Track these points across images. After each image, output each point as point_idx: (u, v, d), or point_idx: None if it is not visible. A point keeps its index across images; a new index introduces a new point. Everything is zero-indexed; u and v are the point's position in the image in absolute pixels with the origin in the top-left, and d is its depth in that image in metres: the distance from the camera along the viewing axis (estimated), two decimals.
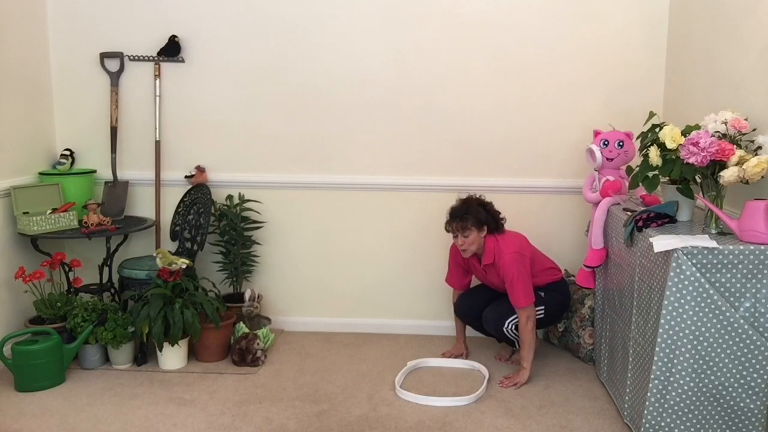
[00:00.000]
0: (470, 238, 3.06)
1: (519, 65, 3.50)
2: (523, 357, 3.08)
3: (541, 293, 3.15)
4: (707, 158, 2.35)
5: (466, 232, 3.05)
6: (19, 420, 2.74)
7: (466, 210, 3.07)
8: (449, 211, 3.12)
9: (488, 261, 3.11)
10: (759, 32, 2.52)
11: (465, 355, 3.39)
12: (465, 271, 3.34)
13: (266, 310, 3.75)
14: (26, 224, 3.29)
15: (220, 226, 3.62)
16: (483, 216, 3.08)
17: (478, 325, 3.31)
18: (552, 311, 3.21)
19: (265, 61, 3.59)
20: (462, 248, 3.10)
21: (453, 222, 3.08)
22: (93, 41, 3.66)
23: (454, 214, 3.09)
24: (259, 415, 2.79)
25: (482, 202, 3.15)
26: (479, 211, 3.07)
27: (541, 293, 3.15)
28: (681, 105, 3.24)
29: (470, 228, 3.05)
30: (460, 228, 3.06)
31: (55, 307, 3.29)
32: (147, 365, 3.27)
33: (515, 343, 3.19)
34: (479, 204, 3.12)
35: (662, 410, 2.28)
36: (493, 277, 3.17)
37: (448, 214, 3.12)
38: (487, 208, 3.13)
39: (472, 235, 3.06)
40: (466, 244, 3.07)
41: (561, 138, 3.53)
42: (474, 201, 3.13)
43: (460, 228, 3.06)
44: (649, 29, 3.42)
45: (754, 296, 2.20)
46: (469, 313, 3.30)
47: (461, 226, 3.06)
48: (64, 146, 3.74)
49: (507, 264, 3.03)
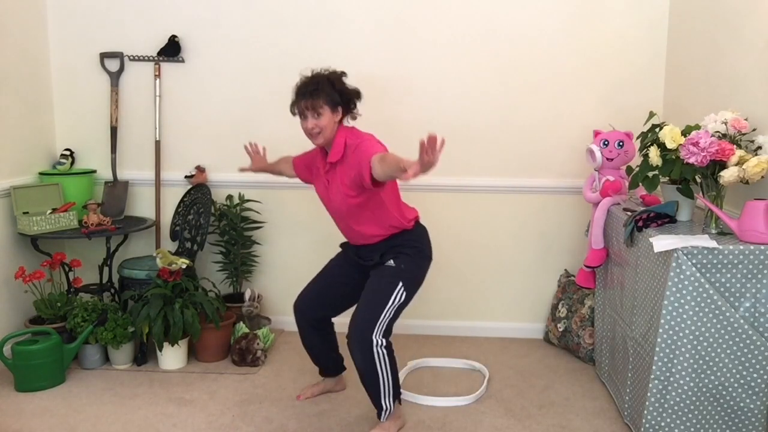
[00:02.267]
0: (323, 120, 2.51)
1: (519, 65, 3.50)
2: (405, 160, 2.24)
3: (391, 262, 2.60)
4: (707, 158, 2.35)
5: (318, 110, 2.50)
6: (19, 420, 2.74)
7: (316, 85, 2.53)
8: (295, 88, 2.59)
9: (335, 157, 2.54)
10: (759, 32, 2.52)
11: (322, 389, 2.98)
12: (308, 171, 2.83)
13: (266, 310, 3.75)
14: (26, 224, 3.29)
15: (220, 226, 3.62)
16: (336, 97, 2.55)
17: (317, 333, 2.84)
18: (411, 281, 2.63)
19: (265, 61, 3.59)
20: (313, 132, 2.53)
21: (301, 99, 2.53)
22: (93, 41, 3.66)
23: (303, 89, 2.54)
24: (259, 415, 2.79)
25: (334, 79, 2.58)
26: (332, 90, 2.54)
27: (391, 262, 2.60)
28: (681, 105, 3.24)
29: (323, 106, 2.51)
30: (310, 106, 2.51)
31: (55, 307, 3.29)
32: (147, 365, 3.27)
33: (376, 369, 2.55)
34: (331, 80, 2.57)
35: (662, 410, 2.28)
36: (336, 188, 2.57)
37: (295, 91, 2.59)
38: (342, 89, 2.59)
39: (325, 116, 2.52)
40: (318, 127, 2.51)
41: (561, 138, 3.53)
42: (324, 77, 2.57)
43: (311, 106, 2.50)
44: (649, 29, 3.42)
45: (754, 296, 2.20)
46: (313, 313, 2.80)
47: (311, 103, 2.50)
48: (64, 146, 3.74)
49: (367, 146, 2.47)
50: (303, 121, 2.55)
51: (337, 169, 2.56)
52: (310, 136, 2.57)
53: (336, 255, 2.90)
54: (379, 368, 2.53)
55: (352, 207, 2.56)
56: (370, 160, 2.38)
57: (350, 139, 2.55)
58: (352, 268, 2.78)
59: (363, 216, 2.59)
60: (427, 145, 2.07)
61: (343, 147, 2.54)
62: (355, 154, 2.48)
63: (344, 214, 2.61)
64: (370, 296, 2.57)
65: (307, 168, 2.83)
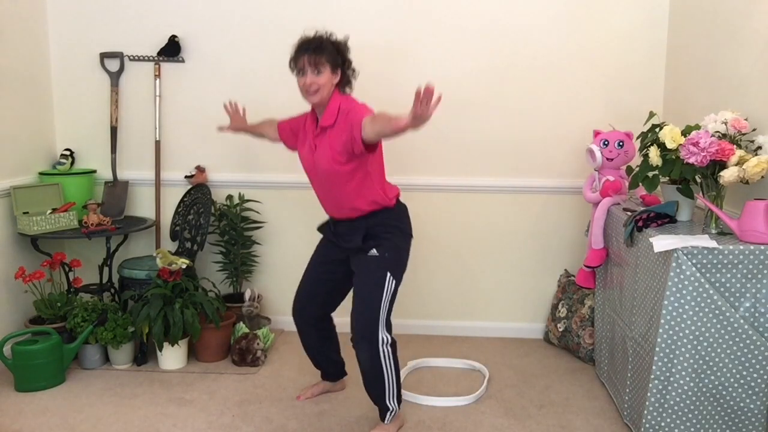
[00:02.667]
0: (322, 78, 2.46)
1: (519, 65, 3.50)
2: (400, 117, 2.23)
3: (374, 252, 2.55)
4: (707, 158, 2.35)
5: (320, 67, 2.45)
6: (19, 420, 2.74)
7: (320, 42, 2.48)
8: (297, 43, 2.53)
9: (328, 122, 2.49)
10: (759, 32, 2.52)
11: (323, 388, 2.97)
12: (294, 136, 2.77)
13: (266, 310, 3.76)
14: (26, 224, 3.29)
15: (220, 226, 3.62)
16: (338, 59, 2.51)
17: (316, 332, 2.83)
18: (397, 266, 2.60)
19: (265, 61, 3.59)
20: (311, 89, 2.46)
21: (303, 54, 2.46)
22: (93, 41, 3.66)
23: (306, 44, 2.48)
24: (259, 415, 2.79)
25: (338, 42, 2.55)
26: (335, 51, 2.50)
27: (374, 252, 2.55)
28: (681, 105, 3.24)
29: (324, 64, 2.46)
30: (312, 62, 2.45)
31: (55, 307, 3.29)
32: (147, 365, 3.27)
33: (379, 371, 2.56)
34: (335, 43, 2.53)
35: (662, 410, 2.28)
36: (324, 152, 2.51)
37: (297, 46, 2.52)
38: (344, 54, 2.55)
39: (325, 74, 2.46)
40: (316, 84, 2.45)
41: (561, 138, 3.53)
42: (328, 38, 2.53)
43: (313, 62, 2.44)
44: (649, 29, 3.42)
45: (754, 296, 2.20)
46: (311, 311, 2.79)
47: (314, 59, 2.44)
48: (64, 146, 3.74)
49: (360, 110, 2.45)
50: (301, 77, 2.48)
51: (328, 133, 2.51)
52: (306, 94, 2.50)
53: (315, 250, 2.84)
54: (384, 367, 2.53)
55: (338, 174, 2.50)
56: (362, 122, 2.36)
57: (344, 104, 2.50)
58: (333, 261, 2.73)
59: (347, 187, 2.53)
60: (423, 96, 2.03)
61: (337, 111, 2.48)
62: (347, 117, 2.44)
63: (328, 181, 2.54)
64: (364, 294, 2.55)
65: (292, 132, 2.76)
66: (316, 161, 2.55)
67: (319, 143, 2.54)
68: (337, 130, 2.48)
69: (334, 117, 2.48)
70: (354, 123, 2.40)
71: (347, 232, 2.63)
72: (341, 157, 2.47)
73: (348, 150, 2.44)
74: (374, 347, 2.51)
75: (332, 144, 2.48)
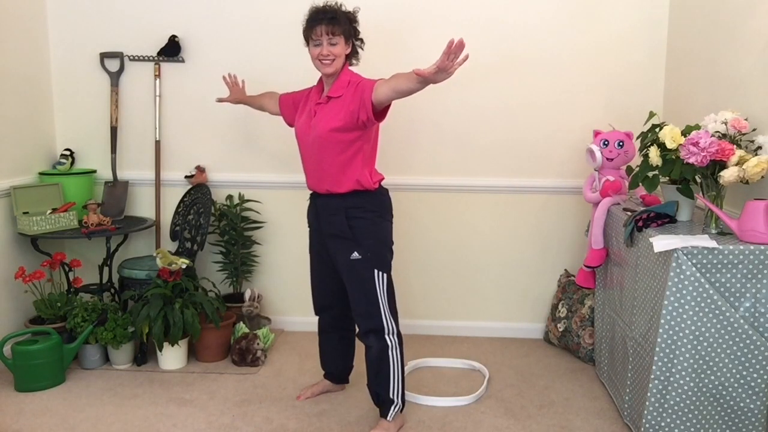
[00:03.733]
0: (337, 48, 2.47)
1: (519, 65, 3.50)
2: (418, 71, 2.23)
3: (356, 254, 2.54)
4: (707, 158, 2.35)
5: (335, 38, 2.46)
6: (19, 420, 2.74)
7: (335, 13, 2.47)
8: (310, 11, 2.52)
9: (336, 93, 2.50)
10: (759, 32, 2.52)
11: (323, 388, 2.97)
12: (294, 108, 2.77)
13: (266, 310, 3.76)
14: (26, 224, 3.29)
15: (220, 226, 3.62)
16: (352, 31, 2.53)
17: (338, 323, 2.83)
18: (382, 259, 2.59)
19: (265, 61, 3.59)
20: (326, 59, 2.47)
21: (319, 24, 2.45)
22: (93, 41, 3.66)
23: (322, 14, 2.47)
24: (259, 415, 2.79)
25: (351, 15, 2.55)
26: (348, 23, 2.51)
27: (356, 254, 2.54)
28: (681, 105, 3.24)
29: (339, 35, 2.46)
30: (329, 31, 2.44)
31: (55, 307, 3.29)
32: (147, 365, 3.27)
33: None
34: (348, 15, 2.53)
35: (662, 410, 2.28)
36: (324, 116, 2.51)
37: (311, 15, 2.51)
38: (356, 26, 2.56)
39: (340, 45, 2.48)
40: (332, 54, 2.46)
41: (561, 138, 3.53)
42: (342, 10, 2.53)
43: (330, 31, 2.44)
44: (649, 29, 3.42)
45: (754, 296, 2.20)
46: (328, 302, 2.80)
47: (331, 29, 2.44)
48: (64, 146, 3.74)
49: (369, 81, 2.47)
50: (315, 47, 2.48)
51: (332, 103, 2.52)
52: (320, 64, 2.50)
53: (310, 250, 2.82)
54: (391, 358, 2.57)
55: (332, 143, 2.50)
56: (374, 86, 2.40)
57: (354, 78, 2.53)
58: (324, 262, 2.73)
59: (338, 158, 2.53)
60: (454, 48, 2.08)
61: (347, 84, 2.50)
62: (357, 88, 2.46)
63: (321, 148, 2.53)
64: (360, 296, 2.58)
65: (294, 104, 2.77)
66: (314, 126, 2.54)
67: (319, 110, 2.55)
68: (344, 100, 2.49)
69: (344, 89, 2.50)
70: (365, 90, 2.42)
71: (326, 210, 2.62)
72: (341, 123, 2.47)
73: (353, 119, 2.46)
74: (381, 337, 2.56)
75: (336, 112, 2.49)
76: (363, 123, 2.46)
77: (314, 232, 2.77)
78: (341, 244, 2.58)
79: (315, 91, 2.67)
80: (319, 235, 2.71)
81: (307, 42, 2.54)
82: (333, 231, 2.60)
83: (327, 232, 2.63)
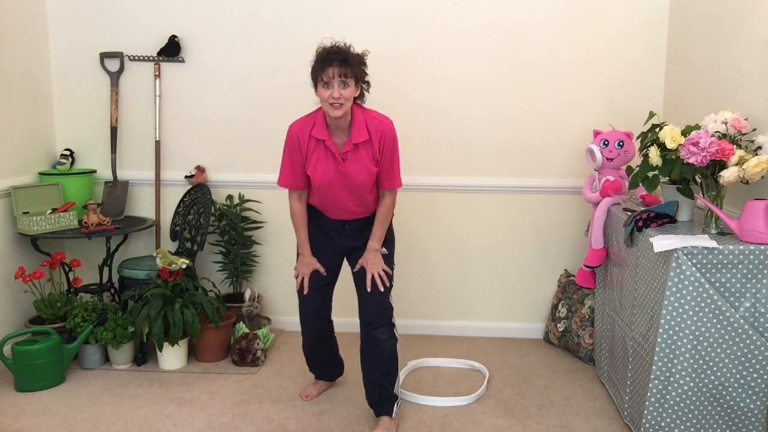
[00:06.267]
0: (348, 91, 2.37)
1: (519, 65, 3.50)
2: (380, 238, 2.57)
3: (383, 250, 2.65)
4: (707, 158, 2.35)
5: (347, 81, 2.37)
6: (19, 420, 2.74)
7: (347, 55, 2.38)
8: (321, 52, 2.42)
9: (361, 138, 2.45)
10: (759, 32, 2.52)
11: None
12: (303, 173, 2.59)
13: (266, 310, 3.75)
14: (26, 224, 3.29)
15: (220, 226, 3.62)
16: (361, 73, 2.44)
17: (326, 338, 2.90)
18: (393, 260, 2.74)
19: (265, 61, 3.59)
20: (337, 103, 2.37)
21: (330, 66, 2.34)
22: (93, 41, 3.66)
23: (333, 56, 2.36)
24: (259, 415, 2.79)
25: (361, 57, 2.46)
26: (358, 65, 2.42)
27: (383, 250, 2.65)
28: (681, 105, 3.24)
29: (351, 77, 2.37)
30: (341, 74, 2.35)
31: (55, 307, 3.29)
32: (147, 365, 3.27)
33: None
34: (358, 57, 2.44)
35: (662, 410, 2.28)
36: (362, 164, 2.48)
37: (322, 56, 2.40)
38: (364, 69, 2.47)
39: (351, 88, 2.38)
40: (343, 97, 2.37)
41: (561, 138, 3.53)
42: (352, 51, 2.43)
43: (342, 74, 2.35)
44: (649, 30, 3.42)
45: (754, 296, 2.20)
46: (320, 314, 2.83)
47: (342, 71, 2.34)
48: (64, 146, 3.74)
49: (391, 133, 2.47)
50: (326, 89, 2.38)
51: (360, 150, 2.49)
52: (330, 107, 2.39)
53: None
54: (398, 353, 2.68)
55: (371, 183, 2.57)
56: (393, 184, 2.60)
57: (367, 117, 2.50)
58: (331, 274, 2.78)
59: (373, 192, 2.62)
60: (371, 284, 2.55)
61: (365, 126, 2.47)
62: (382, 140, 2.48)
63: (359, 189, 2.55)
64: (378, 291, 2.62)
65: (301, 166, 2.57)
66: (347, 173, 2.51)
67: (349, 157, 2.50)
68: (372, 145, 2.50)
69: (365, 130, 2.48)
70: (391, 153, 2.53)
71: (358, 230, 2.69)
72: (377, 169, 2.54)
73: (377, 159, 2.54)
74: (391, 331, 2.66)
75: (368, 157, 2.51)
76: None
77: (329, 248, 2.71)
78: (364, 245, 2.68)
79: (323, 133, 2.50)
80: (339, 248, 2.73)
81: (315, 82, 2.44)
82: (364, 241, 2.67)
83: (355, 245, 2.71)
